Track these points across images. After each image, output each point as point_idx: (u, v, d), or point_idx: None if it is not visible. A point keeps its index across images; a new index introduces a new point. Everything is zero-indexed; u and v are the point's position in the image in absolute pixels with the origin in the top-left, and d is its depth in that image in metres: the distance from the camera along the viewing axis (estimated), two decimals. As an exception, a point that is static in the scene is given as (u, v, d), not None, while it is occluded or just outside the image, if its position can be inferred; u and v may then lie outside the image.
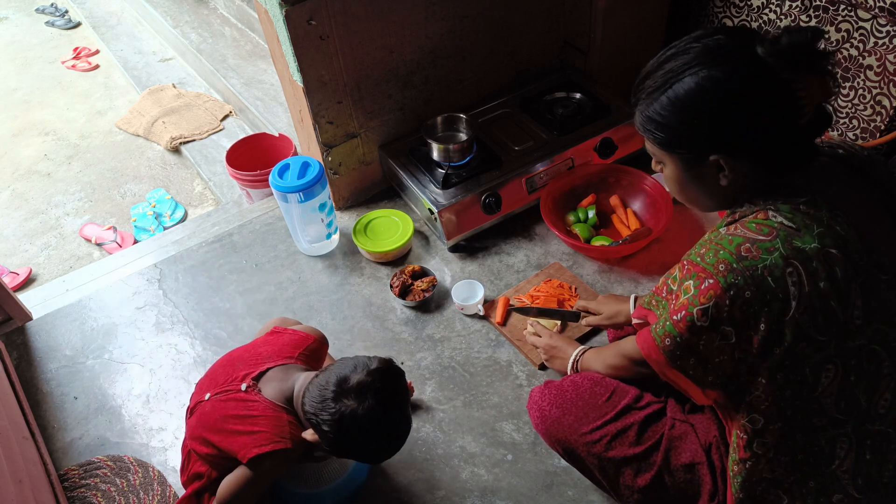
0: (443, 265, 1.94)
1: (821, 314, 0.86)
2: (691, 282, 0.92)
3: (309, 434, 1.20)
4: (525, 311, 1.72)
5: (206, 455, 1.27)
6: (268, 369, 1.29)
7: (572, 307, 1.71)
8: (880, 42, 1.77)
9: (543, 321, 1.69)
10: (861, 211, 0.93)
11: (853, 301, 0.87)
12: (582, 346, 1.44)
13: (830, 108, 0.94)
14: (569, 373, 1.42)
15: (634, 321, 1.13)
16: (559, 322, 1.69)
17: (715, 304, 0.88)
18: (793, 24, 1.98)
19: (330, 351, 1.70)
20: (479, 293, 1.77)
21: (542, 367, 1.64)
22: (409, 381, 1.60)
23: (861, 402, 0.90)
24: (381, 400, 1.15)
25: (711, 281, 0.88)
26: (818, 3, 1.86)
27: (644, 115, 0.96)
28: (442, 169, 1.93)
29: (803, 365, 0.88)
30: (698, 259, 0.92)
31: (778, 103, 0.88)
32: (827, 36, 1.88)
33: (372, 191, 2.20)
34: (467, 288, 1.80)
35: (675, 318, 0.93)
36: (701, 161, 0.95)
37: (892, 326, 0.90)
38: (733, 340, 0.89)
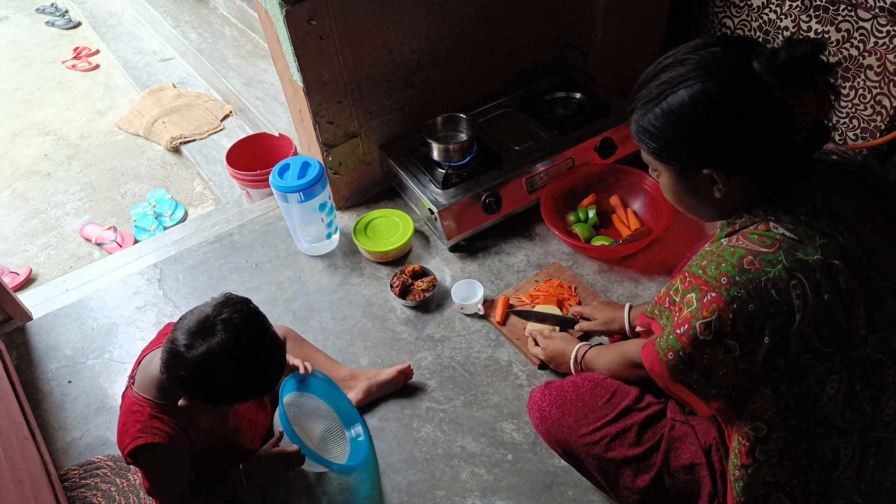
0: (443, 265, 1.94)
1: (825, 326, 0.85)
2: (693, 295, 0.91)
3: (181, 401, 1.17)
4: (523, 314, 1.71)
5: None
6: (141, 361, 1.27)
7: (571, 307, 1.71)
8: (880, 42, 1.77)
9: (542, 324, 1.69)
10: (860, 217, 0.93)
11: (857, 311, 0.86)
12: (581, 343, 1.44)
13: (829, 123, 0.92)
14: (572, 369, 1.43)
15: (638, 328, 1.13)
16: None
17: (718, 318, 0.87)
18: (795, 36, 1.97)
19: (329, 351, 1.71)
20: (479, 293, 1.77)
21: (543, 367, 1.64)
22: (406, 363, 1.62)
23: (866, 411, 0.90)
24: (232, 327, 1.11)
25: (714, 294, 0.87)
26: (818, 3, 1.86)
27: (639, 124, 0.95)
28: (442, 169, 1.93)
29: (808, 376, 0.87)
30: (700, 272, 0.91)
31: (771, 120, 0.86)
32: (827, 36, 1.89)
33: (372, 191, 2.20)
34: (467, 287, 1.80)
35: (678, 331, 0.92)
36: (694, 173, 0.94)
37: None
38: (737, 353, 0.88)
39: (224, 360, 1.10)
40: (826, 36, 1.89)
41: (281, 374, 1.23)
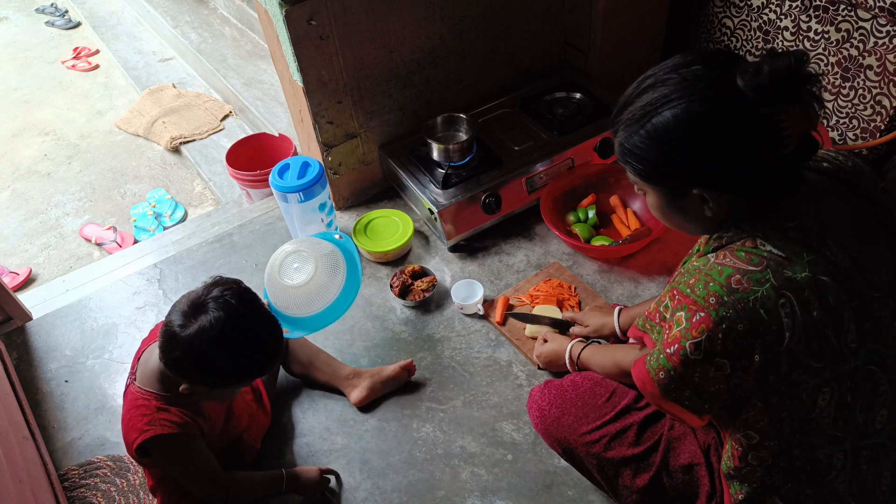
0: (443, 265, 1.94)
1: (815, 342, 0.84)
2: (682, 314, 0.90)
3: (182, 387, 1.17)
4: (520, 316, 1.71)
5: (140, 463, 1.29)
6: (140, 356, 1.27)
7: (564, 312, 1.71)
8: (880, 42, 1.77)
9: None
10: (851, 226, 0.92)
11: (847, 326, 0.85)
12: (575, 340, 1.44)
13: (818, 136, 0.91)
14: (567, 364, 1.43)
15: (631, 341, 1.13)
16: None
17: (708, 338, 0.86)
18: (795, 37, 1.97)
19: (329, 351, 1.71)
20: (479, 293, 1.77)
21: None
22: (408, 359, 1.64)
23: (858, 420, 0.90)
24: (223, 304, 1.12)
25: (703, 314, 0.86)
26: (818, 2, 1.86)
27: (623, 146, 0.94)
28: (442, 169, 1.93)
29: (799, 390, 0.87)
30: (688, 290, 0.90)
31: (759, 137, 0.85)
32: (827, 36, 1.89)
33: (372, 191, 2.20)
34: (467, 288, 1.80)
35: (668, 351, 0.92)
36: (683, 194, 0.93)
37: (886, 345, 0.89)
38: (728, 371, 0.88)
39: (217, 336, 1.10)
40: (826, 36, 1.89)
41: (278, 352, 1.23)
